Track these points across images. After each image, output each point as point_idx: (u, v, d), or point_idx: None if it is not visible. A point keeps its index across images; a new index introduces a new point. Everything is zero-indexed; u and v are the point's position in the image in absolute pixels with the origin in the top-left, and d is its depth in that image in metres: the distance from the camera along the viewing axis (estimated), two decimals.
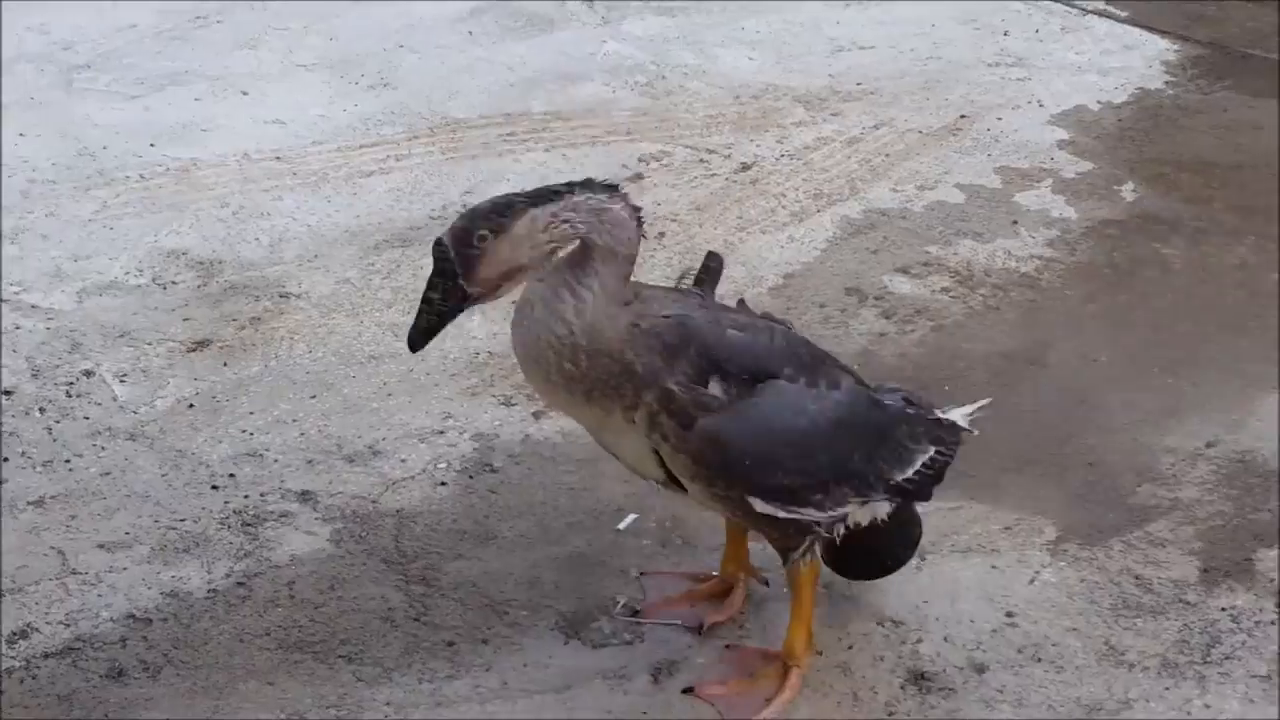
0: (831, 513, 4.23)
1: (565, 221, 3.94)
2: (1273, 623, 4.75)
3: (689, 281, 4.49)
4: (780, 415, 4.07)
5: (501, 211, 3.93)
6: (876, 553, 4.64)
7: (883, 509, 4.41)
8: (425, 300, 3.99)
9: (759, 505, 4.14)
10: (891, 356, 5.88)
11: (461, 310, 4.00)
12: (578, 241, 3.97)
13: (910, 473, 4.35)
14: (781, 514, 4.19)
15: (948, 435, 4.46)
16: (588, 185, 3.98)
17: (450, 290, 3.96)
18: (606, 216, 3.96)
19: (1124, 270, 6.44)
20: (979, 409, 4.62)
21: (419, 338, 4.05)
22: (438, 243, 3.95)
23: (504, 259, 3.94)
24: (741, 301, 4.37)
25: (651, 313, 4.06)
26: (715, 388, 4.04)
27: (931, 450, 4.39)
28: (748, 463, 4.05)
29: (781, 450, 4.08)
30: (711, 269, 4.39)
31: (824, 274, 6.37)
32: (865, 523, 4.42)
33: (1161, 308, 6.21)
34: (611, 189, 4.00)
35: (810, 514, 4.21)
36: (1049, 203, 6.86)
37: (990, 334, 6.05)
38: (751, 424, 4.05)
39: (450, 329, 5.72)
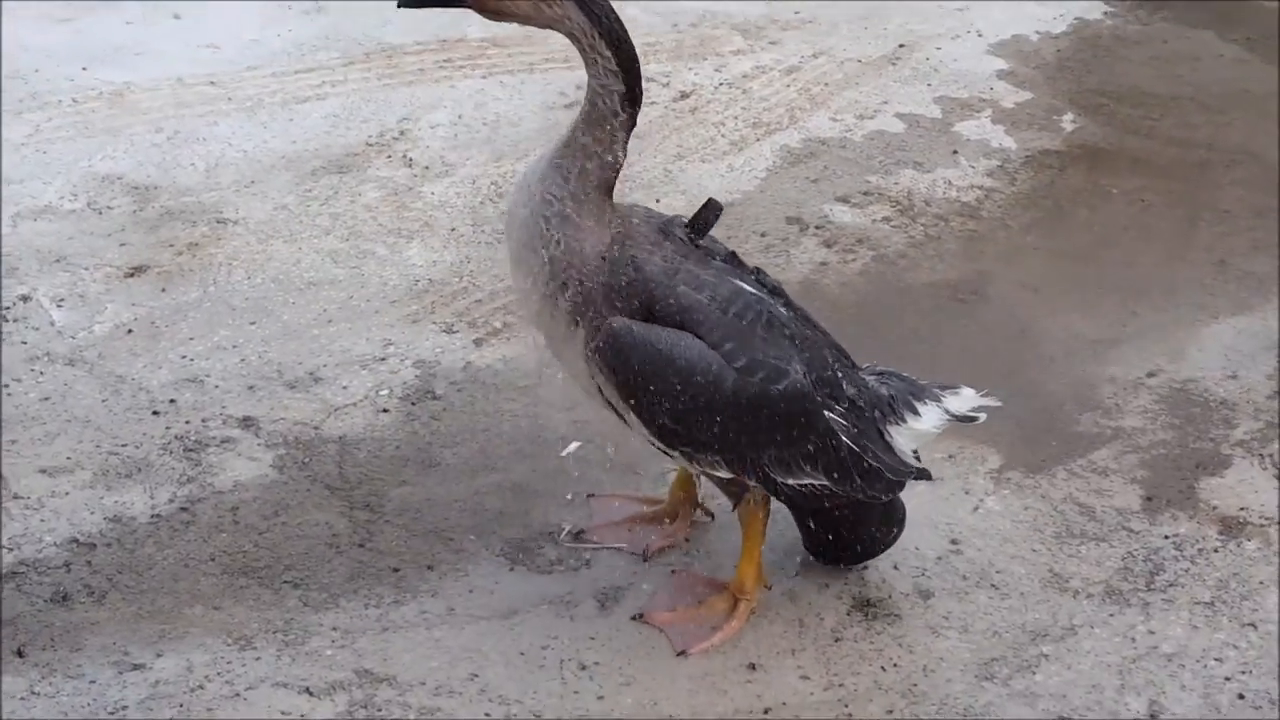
0: (708, 469, 4.26)
1: (573, 22, 3.98)
2: (1215, 550, 4.78)
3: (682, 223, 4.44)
4: (678, 348, 4.08)
5: None
6: (850, 539, 4.62)
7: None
8: None
9: (645, 434, 4.17)
10: (834, 285, 5.88)
11: (452, 4, 4.10)
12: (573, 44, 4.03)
13: (795, 483, 4.31)
14: (669, 452, 4.22)
15: (869, 477, 4.37)
16: (602, 23, 3.99)
17: None
18: (599, 58, 3.99)
19: (1064, 200, 6.45)
20: (986, 403, 4.58)
21: (410, 2, 4.12)
22: None
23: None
24: (733, 255, 4.33)
25: (622, 249, 4.09)
26: None
27: (824, 481, 4.32)
28: (637, 372, 4.06)
29: (668, 377, 4.08)
30: (706, 216, 4.35)
31: (764, 203, 6.36)
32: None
33: (1101, 238, 6.23)
34: (619, 46, 4.01)
35: (687, 461, 4.24)
36: (989, 133, 6.87)
37: (931, 264, 6.05)
38: (650, 338, 4.06)
39: (390, 256, 5.75)
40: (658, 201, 6.22)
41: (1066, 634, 4.51)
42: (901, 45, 7.51)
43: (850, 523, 4.55)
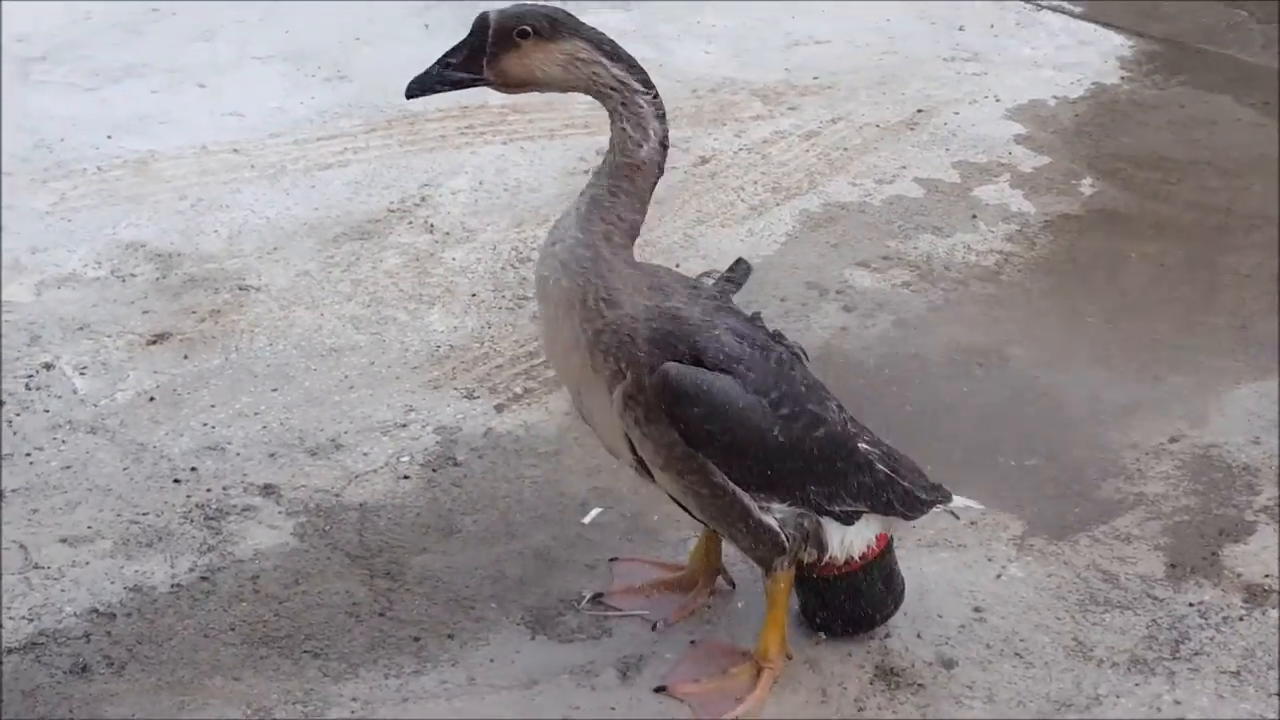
0: (768, 517, 4.26)
1: (605, 74, 3.98)
2: (1240, 618, 4.76)
3: (710, 280, 4.46)
4: (732, 392, 4.09)
5: (558, 21, 3.98)
6: (859, 607, 4.62)
7: (837, 540, 4.42)
8: (442, 59, 4.01)
9: (711, 472, 4.17)
10: (854, 350, 5.88)
11: (466, 86, 4.04)
12: (600, 102, 4.03)
13: (840, 509, 4.36)
14: (740, 498, 4.22)
15: (905, 499, 4.45)
16: (639, 71, 4.01)
17: (469, 62, 3.99)
18: (637, 102, 4.00)
19: (1083, 264, 6.45)
20: (972, 504, 4.64)
21: (417, 89, 4.06)
22: (482, 16, 3.98)
23: (533, 64, 3.98)
24: (757, 315, 4.35)
25: (658, 302, 4.10)
26: None
27: (865, 507, 4.39)
28: (694, 411, 4.06)
29: (722, 418, 4.08)
30: (737, 274, 4.38)
31: (784, 267, 6.36)
32: (839, 562, 4.44)
33: (1121, 302, 6.22)
34: (653, 93, 4.02)
35: (750, 505, 4.24)
36: (1007, 197, 6.88)
37: (951, 328, 6.05)
38: (704, 380, 4.07)
39: (411, 322, 5.76)
40: (678, 265, 6.23)
41: (1091, 703, 4.48)
42: (920, 110, 7.53)
43: (856, 591, 4.56)
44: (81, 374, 5.62)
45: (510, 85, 4.02)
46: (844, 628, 4.66)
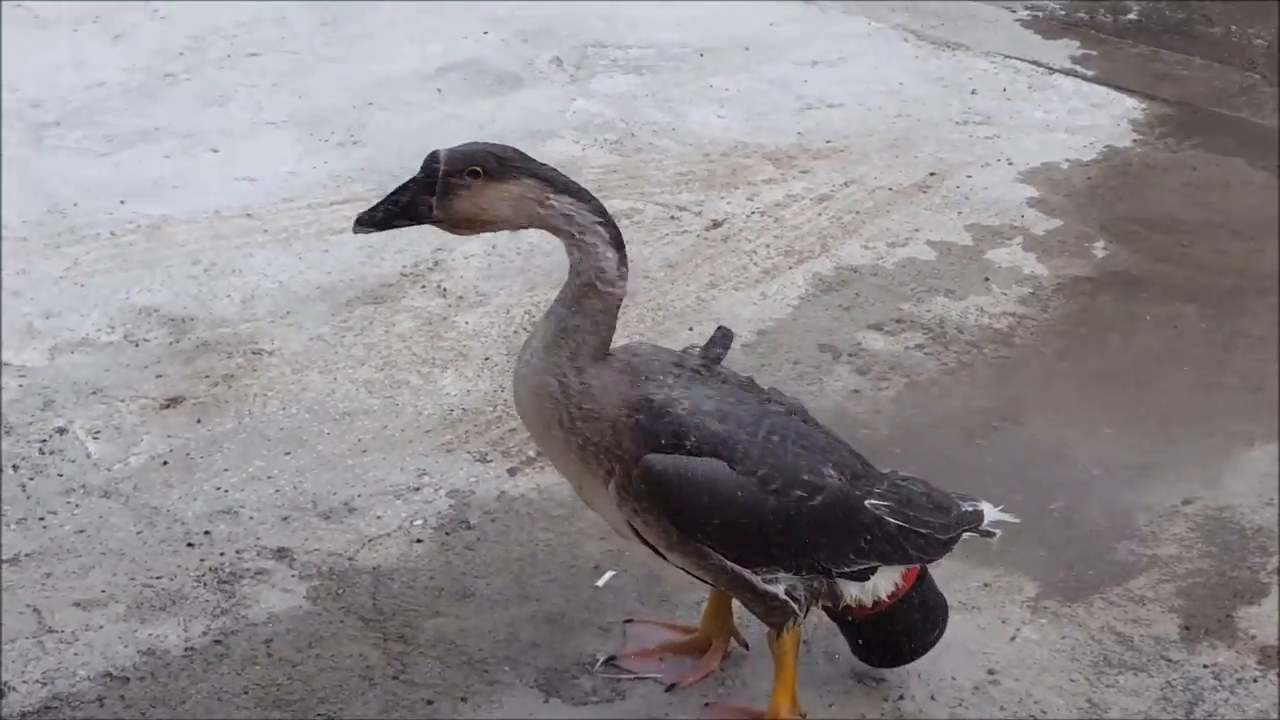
0: (774, 587, 4.25)
1: (555, 209, 3.97)
2: (1255, 680, 4.75)
3: (695, 352, 4.47)
4: (716, 475, 4.10)
5: (506, 161, 3.97)
6: (897, 638, 4.62)
7: (855, 590, 4.42)
8: (391, 197, 3.99)
9: (708, 554, 4.18)
10: (867, 413, 5.88)
11: (418, 223, 4.02)
12: (554, 235, 4.02)
13: (851, 569, 4.35)
14: (743, 575, 4.21)
15: (923, 546, 4.44)
16: (590, 201, 4.00)
17: (418, 201, 3.97)
18: (589, 235, 3.98)
19: (1096, 327, 6.46)
20: (1004, 518, 4.61)
21: (367, 225, 4.02)
22: (433, 155, 3.97)
23: (482, 204, 3.97)
24: (751, 380, 4.35)
25: (637, 392, 4.10)
26: None
27: (878, 563, 4.39)
28: (678, 500, 4.07)
29: (708, 504, 4.09)
30: (718, 344, 4.39)
31: (797, 331, 6.37)
32: (867, 605, 4.44)
33: (1134, 364, 6.23)
34: (606, 220, 4.01)
35: (756, 580, 4.23)
36: (1020, 260, 6.88)
37: (965, 391, 6.05)
38: (685, 468, 4.08)
39: (424, 386, 5.77)
40: (690, 330, 6.25)
41: None
42: (932, 173, 7.54)
43: (890, 629, 4.55)
44: (95, 438, 5.63)
45: (459, 225, 4.01)
46: (888, 660, 4.65)
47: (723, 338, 4.37)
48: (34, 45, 8.27)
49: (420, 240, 6.85)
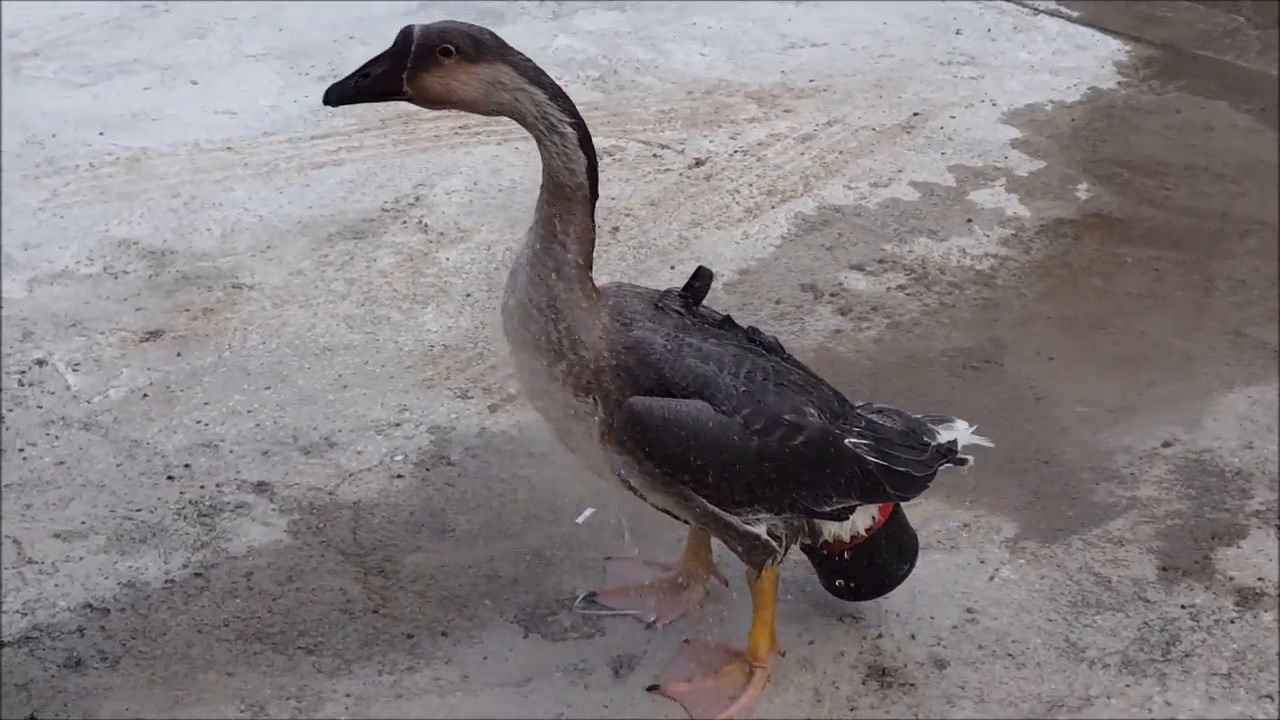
0: (756, 527, 4.26)
1: (527, 100, 3.91)
2: (1232, 621, 4.76)
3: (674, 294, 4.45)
4: (700, 417, 4.08)
5: (483, 43, 3.89)
6: (869, 572, 4.62)
7: (834, 528, 4.43)
8: (363, 69, 3.93)
9: (690, 496, 4.17)
10: (848, 353, 5.88)
11: (387, 98, 3.97)
12: (524, 129, 3.97)
13: (832, 508, 4.35)
14: (725, 517, 4.21)
15: (902, 483, 4.44)
16: (561, 99, 3.95)
17: (389, 75, 3.91)
18: (558, 132, 3.94)
19: (1078, 269, 6.46)
20: (979, 440, 4.61)
21: (336, 97, 3.97)
22: (406, 29, 3.90)
23: (453, 84, 3.90)
24: (728, 318, 4.33)
25: (621, 333, 4.09)
26: None
27: (858, 501, 4.39)
28: (663, 442, 4.06)
29: (694, 446, 4.08)
30: (698, 285, 4.37)
31: (779, 270, 6.36)
32: (844, 540, 4.45)
33: (1115, 307, 6.22)
34: (577, 120, 3.97)
35: (737, 520, 4.23)
36: (1003, 201, 6.88)
37: (946, 332, 6.05)
38: (670, 410, 4.07)
39: (405, 322, 5.75)
40: (673, 268, 6.24)
41: (1083, 704, 4.49)
42: (916, 114, 7.53)
43: (865, 563, 4.56)
44: (75, 370, 5.62)
45: (429, 102, 3.95)
46: (862, 594, 4.67)
47: (702, 278, 4.36)
48: None
49: (401, 176, 6.84)
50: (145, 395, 5.53)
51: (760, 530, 4.27)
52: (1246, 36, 8.33)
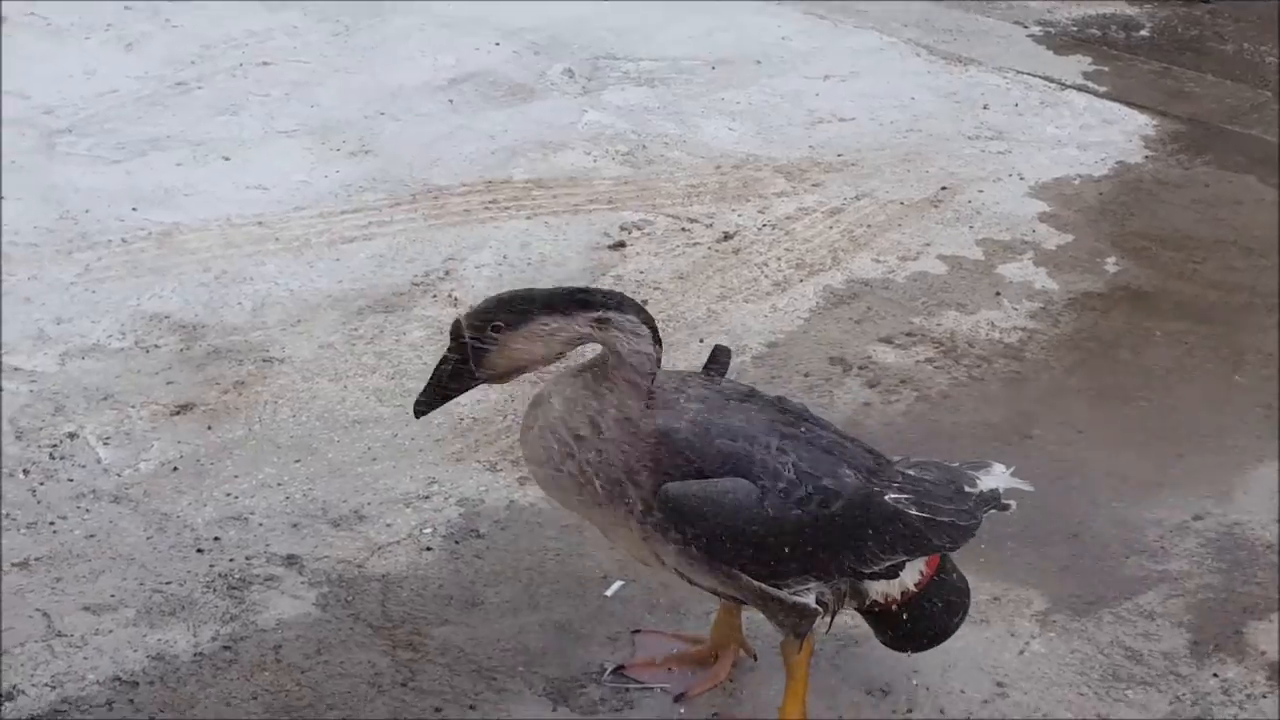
0: (804, 596, 4.26)
1: (574, 331, 4.08)
2: (1264, 695, 4.74)
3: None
4: (738, 495, 4.10)
5: (518, 308, 4.08)
6: (925, 628, 4.61)
7: (882, 586, 4.42)
8: (436, 374, 4.16)
9: (743, 579, 4.18)
10: (877, 426, 5.87)
11: (468, 389, 4.19)
12: (591, 343, 4.11)
13: (880, 568, 4.35)
14: (773, 592, 4.21)
15: (947, 534, 4.43)
16: (616, 302, 4.07)
17: (460, 371, 4.14)
18: (630, 339, 4.07)
19: (1107, 342, 6.45)
20: (1017, 484, 4.60)
21: (424, 407, 4.26)
22: (455, 324, 4.12)
23: (515, 352, 4.09)
24: (753, 390, 4.36)
25: (649, 421, 4.14)
26: None
27: (904, 558, 4.39)
28: (701, 525, 4.09)
29: (733, 523, 4.10)
30: (719, 362, 4.42)
31: (807, 343, 6.37)
32: (894, 597, 4.45)
33: (1144, 380, 6.22)
34: (638, 310, 4.09)
35: (786, 594, 4.23)
36: (1031, 274, 6.88)
37: (975, 405, 6.05)
38: (705, 492, 4.09)
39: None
40: (701, 341, 6.25)
41: None
42: (944, 188, 7.55)
43: (920, 614, 4.54)
44: (105, 444, 5.64)
45: (503, 377, 4.15)
46: (915, 647, 4.65)
47: (719, 358, 4.40)
48: (46, 52, 8.30)
49: (432, 250, 6.86)
50: (175, 468, 5.54)
51: (809, 600, 4.27)
52: (1273, 111, 8.34)
